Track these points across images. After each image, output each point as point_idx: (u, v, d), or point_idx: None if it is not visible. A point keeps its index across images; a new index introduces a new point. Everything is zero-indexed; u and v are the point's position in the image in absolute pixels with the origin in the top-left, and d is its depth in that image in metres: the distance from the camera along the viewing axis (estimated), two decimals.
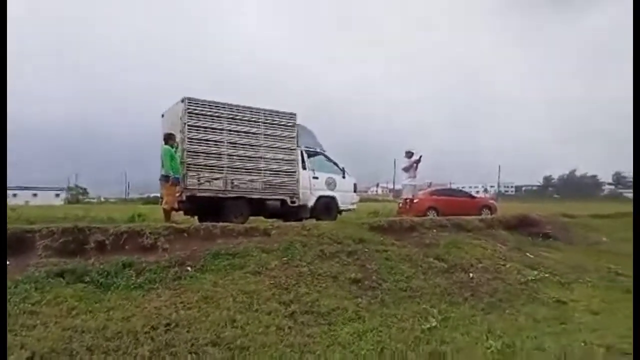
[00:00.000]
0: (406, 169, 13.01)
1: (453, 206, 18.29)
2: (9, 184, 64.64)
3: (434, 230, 10.41)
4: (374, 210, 20.28)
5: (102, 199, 67.96)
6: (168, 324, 5.30)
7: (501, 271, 8.68)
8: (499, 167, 78.79)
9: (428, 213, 18.02)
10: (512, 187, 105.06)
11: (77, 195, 65.52)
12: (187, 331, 5.23)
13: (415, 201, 17.73)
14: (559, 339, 5.86)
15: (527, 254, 10.07)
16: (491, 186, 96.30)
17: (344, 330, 5.81)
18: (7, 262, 6.21)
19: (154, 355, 4.68)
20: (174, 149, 10.07)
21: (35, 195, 64.01)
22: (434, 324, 6.10)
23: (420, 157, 13.02)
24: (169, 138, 10.08)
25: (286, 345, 5.25)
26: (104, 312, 5.37)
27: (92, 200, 66.50)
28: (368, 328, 5.89)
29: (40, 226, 7.32)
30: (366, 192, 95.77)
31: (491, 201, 22.44)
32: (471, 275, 8.28)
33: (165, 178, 9.92)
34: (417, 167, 13.09)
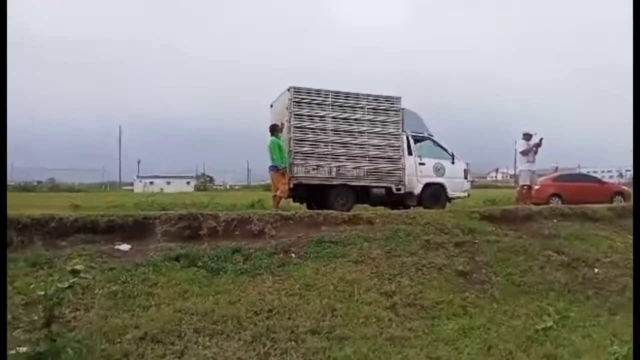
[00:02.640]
0: (524, 153, 12.01)
1: (579, 193, 16.62)
2: (148, 173, 71.78)
3: (555, 220, 9.53)
4: (491, 198, 19.21)
5: (228, 186, 72.55)
6: (270, 310, 5.46)
7: (632, 267, 7.69)
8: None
9: (551, 201, 16.62)
10: None
11: (204, 183, 70.62)
12: (288, 318, 5.35)
13: (536, 188, 16.46)
14: None
15: None
16: (627, 170, 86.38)
17: (448, 325, 5.57)
18: (130, 246, 6.84)
19: (256, 340, 4.85)
20: (280, 139, 10.34)
21: (168, 183, 70.03)
22: (549, 324, 5.60)
23: (541, 139, 11.92)
24: (273, 129, 10.38)
25: (386, 338, 5.15)
26: (213, 296, 5.67)
27: (218, 186, 71.37)
28: (475, 325, 5.58)
29: (159, 213, 7.93)
30: (485, 178, 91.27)
31: (624, 187, 20.06)
32: (596, 270, 7.49)
33: (274, 168, 10.23)
34: (537, 150, 12.01)
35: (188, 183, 71.66)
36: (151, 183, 69.18)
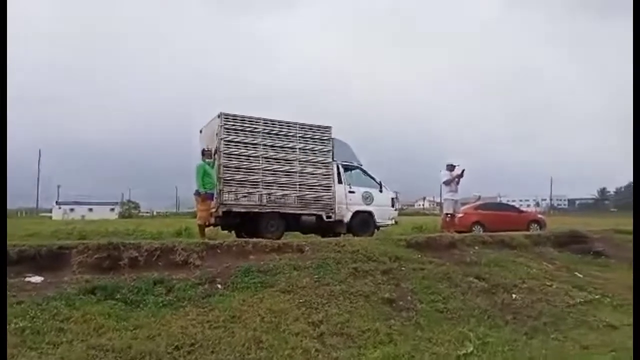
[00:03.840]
0: (447, 183, 12.56)
1: (500, 221, 17.60)
2: (67, 199, 67.84)
3: (476, 247, 9.95)
4: (419, 225, 19.82)
5: (155, 213, 69.93)
6: (192, 344, 5.24)
7: (547, 292, 8.16)
8: (551, 179, 75.88)
9: (474, 228, 17.41)
10: (565, 200, 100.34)
11: (129, 210, 67.74)
12: (212, 352, 5.17)
13: (460, 216, 17.19)
14: None
15: (577, 273, 9.44)
16: (543, 199, 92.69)
17: (374, 354, 5.59)
18: (42, 278, 6.36)
19: None
20: (210, 164, 10.16)
21: (91, 210, 66.51)
22: (470, 350, 5.77)
23: (463, 171, 12.54)
24: (203, 154, 10.20)
25: None
26: (131, 331, 5.37)
27: (145, 213, 68.64)
28: (399, 353, 5.63)
29: (76, 242, 7.48)
30: (413, 205, 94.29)
31: (540, 216, 21.47)
32: (514, 296, 7.83)
33: (198, 194, 10.01)
34: (459, 181, 12.60)
35: (112, 210, 68.44)
36: (72, 210, 65.33)
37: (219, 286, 6.78)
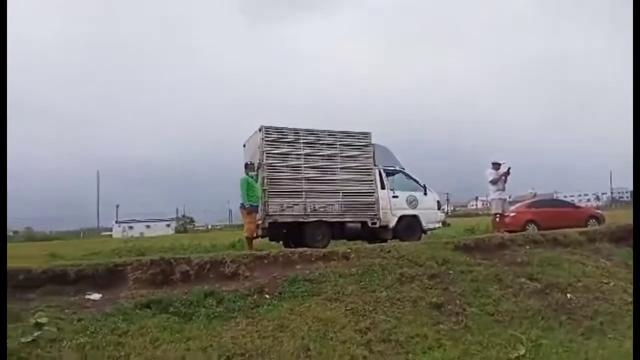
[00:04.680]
0: (494, 182, 12.25)
1: (555, 218, 16.89)
2: (126, 217, 70.80)
3: (527, 247, 9.67)
4: (471, 227, 19.41)
5: (209, 227, 71.79)
6: (243, 354, 5.41)
7: (604, 290, 7.85)
8: (610, 172, 72.28)
9: (527, 227, 16.85)
10: (627, 192, 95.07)
11: (184, 225, 69.77)
12: None
13: (512, 215, 16.73)
14: None
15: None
16: (603, 193, 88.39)
17: (423, 359, 5.54)
18: (100, 295, 6.72)
19: None
20: (253, 177, 10.40)
21: (148, 226, 69.08)
22: (522, 352, 5.63)
23: (509, 169, 12.21)
24: (246, 167, 10.46)
25: None
26: (184, 342, 5.58)
27: (200, 227, 70.59)
28: (449, 357, 5.61)
29: (131, 259, 7.84)
30: (465, 206, 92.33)
31: (598, 211, 20.52)
32: (569, 295, 7.57)
33: (243, 207, 10.25)
34: (506, 179, 12.27)
35: (168, 225, 70.69)
36: (130, 227, 68.17)
37: (267, 296, 6.94)
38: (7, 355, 4.08)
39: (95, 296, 6.80)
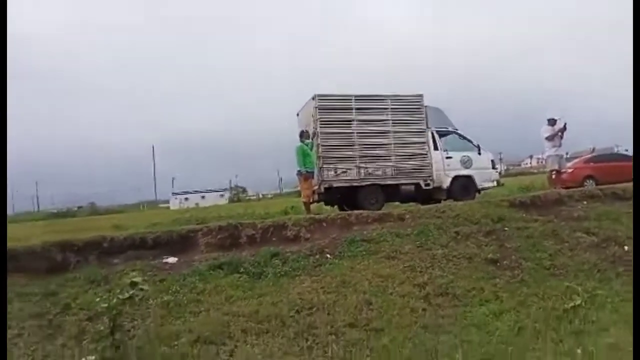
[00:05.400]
0: (549, 138, 12.02)
1: (614, 173, 16.30)
2: (182, 189, 73.48)
3: (585, 202, 9.62)
4: (525, 185, 19.12)
5: (261, 196, 73.61)
6: (310, 308, 5.84)
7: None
8: None
9: (585, 183, 16.44)
10: None
11: (237, 195, 71.84)
12: (327, 314, 5.71)
13: (570, 171, 16.36)
14: None
15: None
16: None
17: (479, 311, 5.82)
18: (176, 259, 7.35)
19: (298, 336, 5.24)
20: (308, 145, 10.75)
21: (203, 197, 71.62)
22: (578, 303, 5.77)
23: (565, 124, 11.93)
24: (301, 135, 10.82)
25: (420, 326, 5.46)
26: (256, 299, 6.09)
27: (252, 197, 72.54)
28: (505, 308, 5.82)
29: (201, 226, 8.43)
30: (519, 165, 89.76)
31: None
32: (626, 248, 7.54)
33: (300, 173, 10.65)
34: (562, 135, 12.01)
35: (222, 196, 73.01)
36: (186, 199, 70.94)
37: (328, 256, 7.35)
38: (108, 310, 4.67)
39: (172, 260, 7.43)
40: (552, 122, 12.11)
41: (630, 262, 7.07)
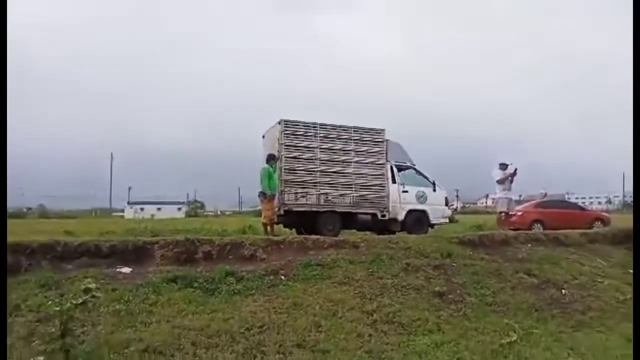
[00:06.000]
0: (500, 182, 12.73)
1: (561, 219, 17.26)
2: (137, 199, 71.86)
3: (529, 245, 10.17)
4: (478, 224, 19.79)
5: (219, 212, 72.74)
6: (261, 326, 5.99)
7: (598, 288, 8.35)
8: (624, 174, 71.89)
9: (533, 226, 17.26)
10: None
11: (195, 209, 70.77)
12: (277, 333, 5.89)
13: (519, 214, 17.18)
14: None
15: (630, 270, 9.45)
16: (615, 196, 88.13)
17: (422, 340, 6.11)
18: (130, 269, 7.36)
19: (247, 352, 5.39)
20: (274, 168, 10.97)
21: (159, 209, 70.20)
22: (514, 339, 6.16)
23: (516, 170, 12.67)
24: (270, 158, 11.03)
25: (365, 351, 5.71)
26: (208, 314, 6.20)
27: (209, 213, 71.56)
28: (446, 340, 6.14)
29: (158, 238, 8.47)
30: (475, 203, 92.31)
31: (604, 214, 20.89)
32: (564, 291, 8.09)
33: (263, 194, 10.83)
34: (512, 179, 12.74)
35: (179, 209, 71.78)
36: (142, 209, 69.29)
37: (283, 277, 7.52)
38: (60, 313, 4.69)
39: (126, 270, 7.43)
40: (503, 166, 12.82)
41: (565, 305, 7.60)
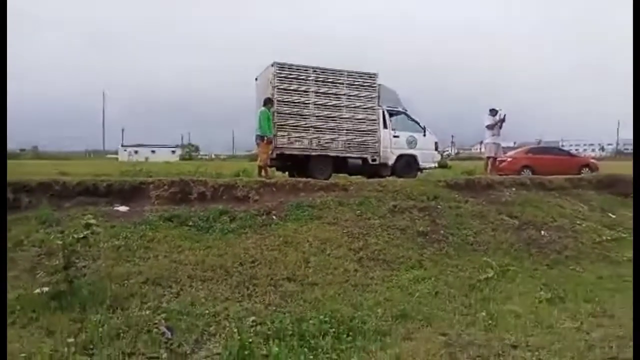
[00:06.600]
0: (490, 127, 12.94)
1: (549, 165, 17.61)
2: (131, 142, 71.61)
3: (513, 189, 10.50)
4: (469, 169, 20.17)
5: (213, 156, 72.86)
6: (253, 262, 6.35)
7: (576, 230, 8.76)
8: (618, 122, 72.28)
9: (522, 172, 17.63)
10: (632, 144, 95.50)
11: (189, 152, 70.85)
12: (269, 268, 6.24)
13: (509, 159, 17.55)
14: (614, 294, 6.09)
15: (610, 214, 9.90)
16: (609, 144, 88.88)
17: (404, 275, 6.51)
18: (128, 208, 7.64)
19: (240, 285, 5.74)
20: (270, 111, 11.07)
21: (153, 152, 70.25)
22: (490, 275, 6.57)
23: (505, 116, 12.85)
24: (267, 101, 11.10)
25: (351, 284, 6.09)
26: (203, 250, 6.53)
27: (204, 156, 71.68)
28: (427, 275, 6.53)
29: (153, 179, 8.70)
30: (470, 150, 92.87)
31: (592, 160, 21.27)
32: (542, 232, 8.48)
33: (260, 138, 10.97)
34: (501, 125, 12.94)
35: (173, 152, 71.88)
36: (136, 152, 69.32)
37: (274, 217, 7.84)
38: (63, 247, 4.99)
39: (123, 208, 7.73)
40: (493, 112, 12.99)
41: (543, 245, 8.02)
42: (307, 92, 11.62)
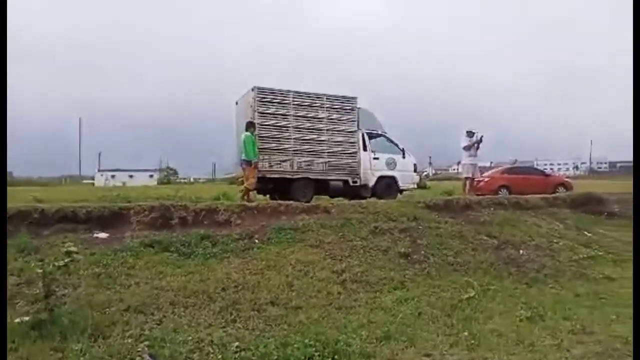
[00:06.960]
0: (467, 148, 13.25)
1: (525, 185, 17.98)
2: (108, 167, 70.66)
3: (491, 209, 10.71)
4: (449, 190, 20.44)
5: (192, 180, 72.20)
6: (236, 286, 6.32)
7: (553, 249, 8.96)
8: (591, 142, 74.42)
9: (500, 192, 17.94)
10: (606, 163, 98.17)
11: (168, 176, 70.01)
12: (252, 292, 6.22)
13: (486, 180, 17.88)
14: (592, 311, 6.23)
15: (585, 232, 10.15)
16: (582, 163, 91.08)
17: (387, 297, 6.56)
18: (107, 234, 7.56)
19: (223, 310, 5.71)
20: (253, 135, 11.11)
21: (131, 176, 69.19)
22: (472, 295, 6.66)
23: (482, 137, 13.20)
24: (250, 125, 11.11)
25: (335, 307, 6.10)
26: (185, 276, 6.48)
27: (182, 180, 70.97)
28: (410, 296, 6.59)
29: (133, 204, 8.63)
30: (447, 170, 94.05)
31: (566, 179, 21.85)
32: (521, 252, 8.65)
33: (247, 162, 10.95)
34: (478, 146, 13.27)
35: (151, 176, 70.90)
36: (113, 177, 68.21)
37: (257, 241, 7.84)
38: (43, 275, 4.91)
39: (103, 235, 7.63)
40: (470, 134, 13.31)
41: (521, 264, 8.17)
42: (287, 115, 11.75)
